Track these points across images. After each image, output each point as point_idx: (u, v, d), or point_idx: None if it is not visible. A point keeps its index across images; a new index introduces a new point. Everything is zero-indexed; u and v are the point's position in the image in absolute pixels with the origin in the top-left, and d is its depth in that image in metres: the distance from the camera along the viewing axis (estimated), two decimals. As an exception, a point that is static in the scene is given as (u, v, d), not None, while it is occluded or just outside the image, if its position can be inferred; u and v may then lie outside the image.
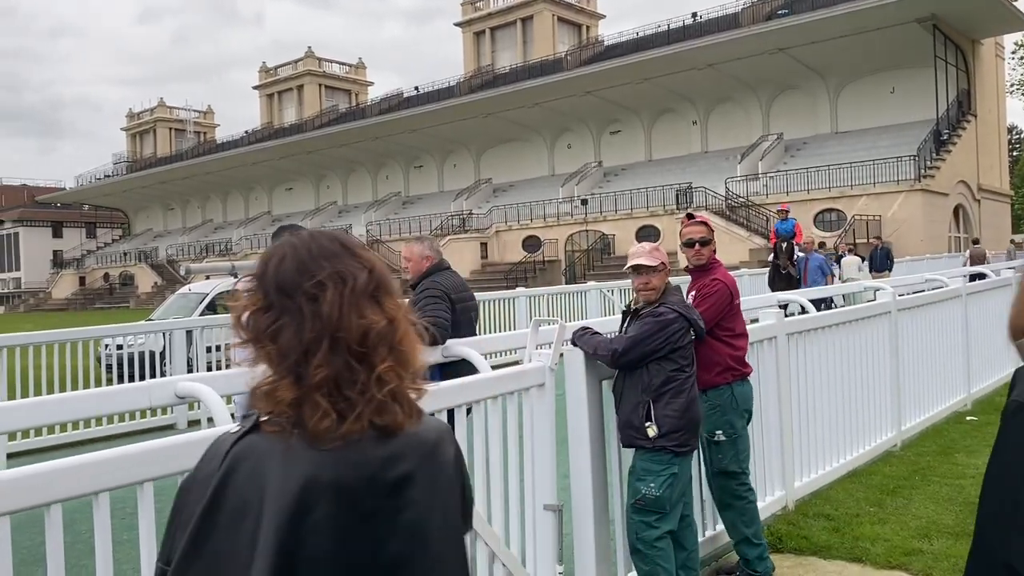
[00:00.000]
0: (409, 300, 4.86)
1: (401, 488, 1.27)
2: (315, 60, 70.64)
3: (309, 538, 1.21)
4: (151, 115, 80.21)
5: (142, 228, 75.31)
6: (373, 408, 1.26)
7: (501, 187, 49.87)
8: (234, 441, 1.27)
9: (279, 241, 1.38)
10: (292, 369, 1.25)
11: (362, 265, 1.32)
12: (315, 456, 1.23)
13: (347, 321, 1.26)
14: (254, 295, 1.30)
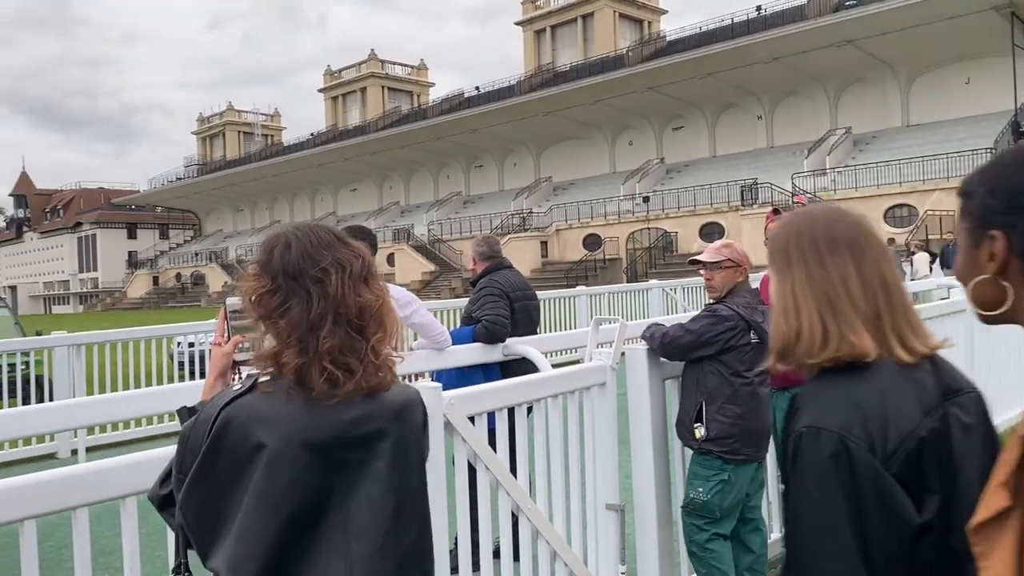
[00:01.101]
0: (470, 298, 4.90)
1: (371, 442, 1.51)
2: (378, 62, 71.57)
3: (294, 483, 1.44)
4: (220, 119, 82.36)
5: (212, 229, 77.41)
6: (368, 372, 1.51)
7: (561, 185, 49.77)
8: (230, 399, 1.49)
9: (279, 231, 1.61)
10: (299, 340, 1.48)
11: (355, 254, 1.58)
12: (300, 414, 1.46)
13: (348, 300, 1.52)
14: (261, 279, 1.54)
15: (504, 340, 4.55)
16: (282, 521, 1.44)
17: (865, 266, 1.40)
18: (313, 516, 1.47)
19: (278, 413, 1.47)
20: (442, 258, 46.44)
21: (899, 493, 1.25)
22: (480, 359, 4.49)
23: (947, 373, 1.38)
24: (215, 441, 1.46)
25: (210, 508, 1.47)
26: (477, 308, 4.66)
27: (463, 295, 35.05)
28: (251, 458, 1.44)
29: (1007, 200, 1.10)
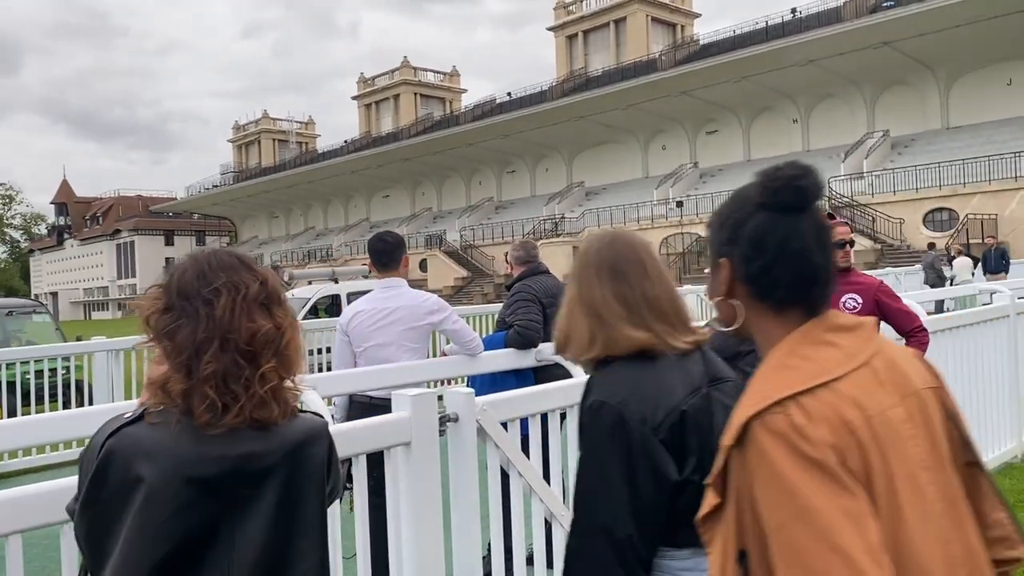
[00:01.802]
0: (504, 302, 4.89)
1: (262, 479, 1.46)
2: (411, 70, 72.10)
3: (173, 519, 1.40)
4: (256, 127, 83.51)
5: (248, 236, 78.44)
6: (255, 403, 1.45)
7: (594, 190, 49.70)
8: (116, 429, 1.45)
9: (185, 255, 1.60)
10: (184, 364, 1.44)
11: (255, 277, 1.53)
12: (187, 448, 1.42)
13: (237, 324, 1.46)
14: (157, 298, 1.51)
15: (537, 345, 4.54)
16: (159, 557, 1.40)
17: (626, 285, 1.79)
18: (195, 553, 1.43)
19: (163, 446, 1.42)
20: (474, 264, 46.57)
21: (664, 455, 1.60)
22: (513, 365, 4.48)
23: (713, 365, 1.80)
24: (98, 471, 1.43)
25: (96, 535, 1.45)
26: (510, 313, 4.66)
27: (495, 301, 35.06)
28: (132, 491, 1.41)
29: (730, 233, 1.36)
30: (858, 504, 1.13)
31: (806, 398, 1.18)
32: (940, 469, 1.26)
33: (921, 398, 1.29)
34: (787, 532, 1.14)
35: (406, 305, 3.96)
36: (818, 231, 1.34)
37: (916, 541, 1.18)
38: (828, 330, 1.30)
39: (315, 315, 13.66)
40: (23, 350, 9.75)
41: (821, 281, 1.32)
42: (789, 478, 1.14)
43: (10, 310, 13.22)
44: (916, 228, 31.06)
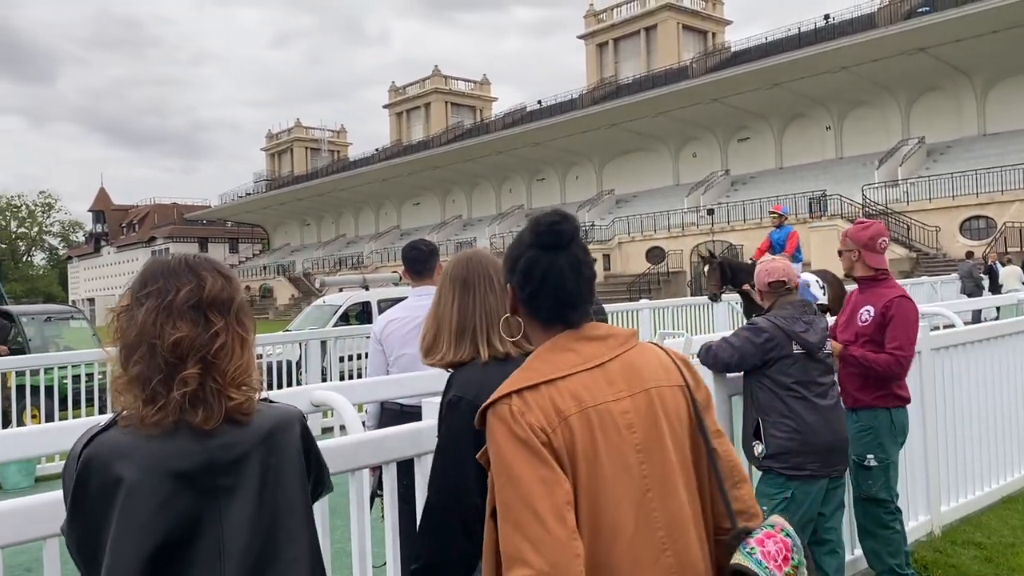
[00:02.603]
0: None
1: (239, 467, 1.51)
2: (441, 78, 72.49)
3: (158, 513, 1.45)
4: (288, 135, 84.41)
5: (280, 243, 79.24)
6: (175, 406, 1.48)
7: (624, 198, 49.54)
8: (91, 437, 1.51)
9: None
10: (123, 364, 1.53)
11: (192, 282, 1.55)
12: (163, 444, 1.48)
13: (163, 332, 1.50)
14: (122, 300, 1.59)
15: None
16: (149, 551, 1.44)
17: (470, 298, 2.14)
18: (184, 544, 1.47)
19: (138, 446, 1.47)
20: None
21: None
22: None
23: None
24: (79, 480, 1.47)
25: (86, 543, 1.49)
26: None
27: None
28: (114, 493, 1.45)
29: (511, 265, 1.70)
30: (552, 474, 1.48)
31: (529, 392, 1.54)
32: (658, 450, 1.58)
33: (651, 395, 1.61)
34: (502, 493, 1.50)
35: (435, 314, 3.96)
36: (573, 264, 1.65)
37: (612, 505, 1.51)
38: (576, 339, 1.62)
39: (346, 322, 13.76)
40: (61, 355, 9.93)
41: (575, 303, 1.65)
42: (504, 452, 1.51)
43: (48, 316, 13.48)
44: (952, 236, 30.55)
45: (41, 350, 11.60)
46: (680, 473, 1.60)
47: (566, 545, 1.44)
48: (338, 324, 13.55)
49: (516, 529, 1.46)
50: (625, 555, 1.52)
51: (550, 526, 1.44)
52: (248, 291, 67.28)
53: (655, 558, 1.54)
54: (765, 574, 1.58)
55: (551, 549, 1.42)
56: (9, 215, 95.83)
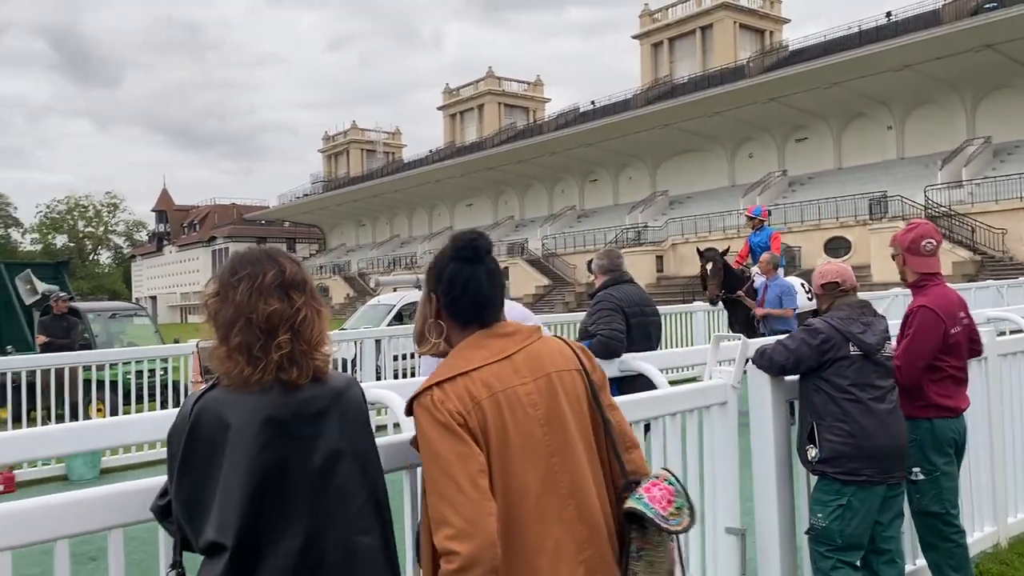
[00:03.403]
0: (587, 311, 4.86)
1: (320, 417, 1.83)
2: (495, 80, 72.72)
3: (260, 453, 1.73)
4: (345, 137, 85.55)
5: (336, 243, 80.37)
6: (273, 367, 1.79)
7: (678, 199, 49.04)
8: (198, 397, 1.81)
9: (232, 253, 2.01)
10: (224, 336, 1.83)
11: (272, 266, 1.88)
12: (260, 398, 1.78)
13: (255, 306, 1.82)
14: (210, 288, 1.90)
15: (620, 355, 4.49)
16: (255, 485, 1.72)
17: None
18: (280, 479, 1.75)
19: (241, 399, 1.78)
20: (556, 272, 46.52)
21: None
22: (596, 374, 4.45)
23: None
24: (192, 430, 1.76)
25: (196, 492, 1.75)
26: (593, 322, 4.62)
27: (576, 309, 34.92)
28: (223, 438, 1.74)
29: (436, 276, 2.00)
30: (468, 448, 1.79)
31: (447, 383, 1.86)
32: (559, 423, 1.90)
33: (551, 378, 1.93)
34: (427, 468, 1.82)
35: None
36: (489, 273, 1.99)
37: (521, 470, 1.83)
38: (487, 336, 1.95)
39: (399, 321, 13.89)
40: (124, 351, 10.22)
41: (489, 306, 1.98)
42: (427, 433, 1.82)
43: (113, 313, 13.90)
44: (1020, 239, 29.48)
45: (106, 346, 11.96)
46: (580, 441, 1.94)
47: (479, 505, 1.74)
48: (392, 323, 13.70)
49: (440, 497, 1.77)
50: (534, 510, 1.83)
51: (466, 491, 1.74)
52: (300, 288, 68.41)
53: (560, 510, 1.86)
54: (652, 514, 1.91)
55: (467, 509, 1.73)
56: (77, 215, 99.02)
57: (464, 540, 1.70)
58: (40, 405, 8.68)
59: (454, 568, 1.71)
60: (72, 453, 6.50)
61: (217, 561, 1.71)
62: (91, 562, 4.90)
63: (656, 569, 1.97)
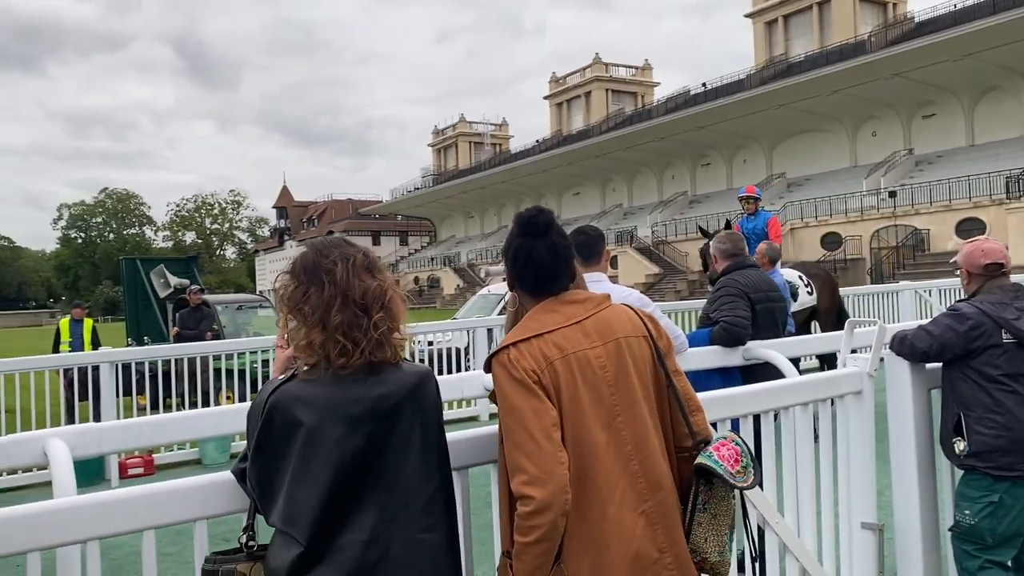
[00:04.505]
0: (708, 298, 4.71)
1: (394, 413, 1.87)
2: (602, 66, 72.05)
3: (332, 450, 1.79)
4: (453, 131, 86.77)
5: (446, 235, 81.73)
6: (372, 345, 1.87)
7: (796, 181, 47.31)
8: (273, 389, 1.86)
9: (305, 245, 2.08)
10: (320, 320, 1.86)
11: (358, 250, 1.98)
12: (334, 394, 1.83)
13: (352, 283, 1.89)
14: (286, 282, 1.95)
15: (744, 343, 4.32)
16: (328, 480, 1.78)
17: None
18: (352, 474, 1.81)
19: (315, 394, 1.83)
20: (666, 260, 45.77)
21: None
22: (718, 363, 4.29)
23: None
24: (266, 422, 1.82)
25: (266, 476, 1.84)
26: (715, 309, 4.47)
27: (688, 298, 34.25)
28: (294, 433, 1.80)
29: (505, 252, 2.19)
30: (542, 404, 1.94)
31: (522, 343, 2.02)
32: (625, 386, 2.04)
33: (619, 343, 2.08)
34: (505, 420, 1.98)
35: (609, 300, 3.90)
36: (551, 246, 2.13)
37: (588, 427, 1.98)
38: (558, 303, 2.11)
39: (511, 311, 13.94)
40: (251, 341, 10.66)
41: (553, 277, 2.13)
42: (504, 389, 1.98)
43: (240, 305, 14.57)
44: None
45: (234, 336, 12.53)
46: (644, 403, 2.07)
47: (552, 455, 1.90)
48: (502, 312, 13.77)
49: (516, 446, 1.92)
50: (602, 464, 1.98)
51: (540, 442, 1.90)
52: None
53: (624, 466, 2.00)
54: (721, 470, 2.06)
55: (541, 459, 1.88)
56: (204, 213, 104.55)
57: (538, 486, 1.86)
58: (175, 392, 9.16)
59: (529, 510, 1.87)
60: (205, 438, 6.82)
61: (286, 549, 1.79)
62: (224, 543, 5.10)
63: (719, 521, 2.11)
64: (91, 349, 11.51)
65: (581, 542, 1.96)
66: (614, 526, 1.97)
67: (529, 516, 1.87)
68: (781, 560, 3.10)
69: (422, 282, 69.42)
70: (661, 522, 2.03)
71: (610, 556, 1.96)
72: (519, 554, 1.93)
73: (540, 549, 1.90)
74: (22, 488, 7.37)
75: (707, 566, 2.11)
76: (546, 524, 1.87)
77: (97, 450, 3.06)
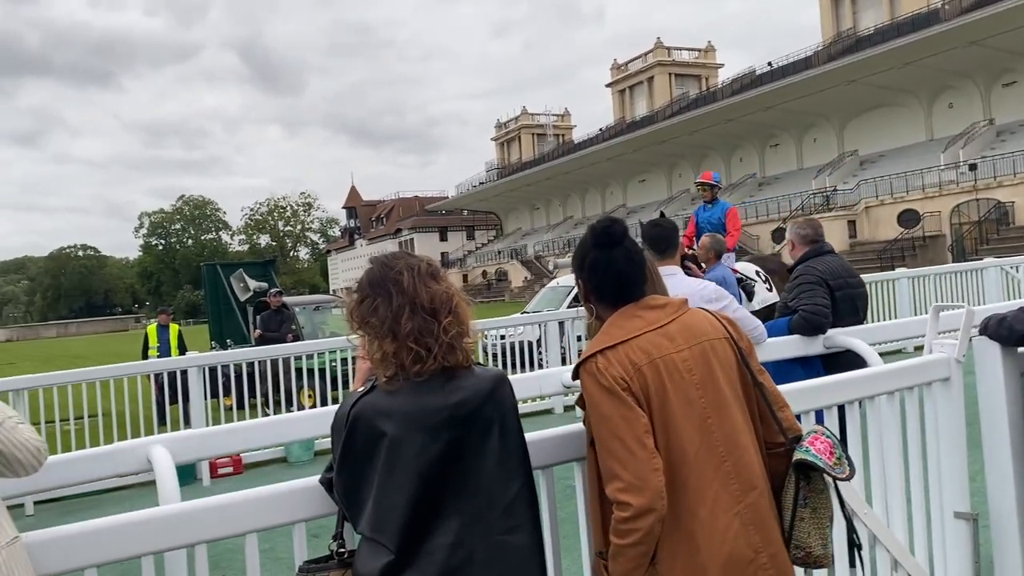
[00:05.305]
0: (786, 286, 4.63)
1: (473, 419, 1.90)
2: (664, 50, 71.10)
3: (415, 459, 1.83)
4: (516, 123, 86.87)
5: (512, 228, 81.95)
6: (443, 350, 1.90)
7: (869, 158, 45.91)
8: (354, 401, 1.91)
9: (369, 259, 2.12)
10: (390, 329, 1.91)
11: (419, 259, 2.03)
12: (414, 403, 1.86)
13: (420, 291, 1.93)
14: (352, 298, 2.01)
15: (825, 331, 4.24)
16: (413, 488, 1.83)
17: None
18: (435, 481, 1.85)
19: (395, 405, 1.87)
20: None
21: None
22: (798, 352, 4.23)
23: None
24: (349, 434, 1.88)
25: (353, 486, 1.89)
26: (793, 297, 4.39)
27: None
28: (377, 444, 1.85)
29: (579, 264, 2.20)
30: (632, 411, 1.96)
31: (609, 351, 2.03)
32: (713, 387, 2.05)
33: (704, 346, 2.09)
34: (596, 428, 2.00)
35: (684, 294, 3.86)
36: (627, 254, 2.15)
37: (679, 431, 1.99)
38: (640, 308, 2.12)
39: (578, 302, 13.92)
40: (329, 341, 10.91)
41: (632, 284, 2.15)
42: (594, 397, 2.00)
43: (317, 305, 14.93)
44: None
45: (311, 337, 12.85)
46: (733, 403, 2.08)
47: (647, 462, 1.92)
48: (572, 305, 13.76)
49: (609, 454, 1.95)
50: (693, 466, 1.99)
51: (633, 449, 1.92)
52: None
53: (717, 467, 2.01)
54: (822, 463, 2.08)
55: (635, 466, 1.91)
56: (276, 215, 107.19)
57: (634, 493, 1.89)
58: (259, 392, 9.46)
59: (627, 516, 1.90)
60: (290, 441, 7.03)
61: (375, 556, 1.85)
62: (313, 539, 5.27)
63: (820, 515, 2.12)
64: (177, 353, 11.98)
65: (674, 544, 1.97)
66: (707, 528, 1.98)
67: (626, 521, 1.91)
68: (871, 551, 3.05)
69: (490, 276, 69.81)
70: (755, 522, 2.03)
71: (702, 557, 1.97)
72: (615, 555, 1.96)
73: (637, 552, 1.93)
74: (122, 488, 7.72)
75: (812, 560, 2.12)
76: (644, 528, 1.90)
77: (196, 455, 3.21)
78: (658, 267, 4.00)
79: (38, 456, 1.89)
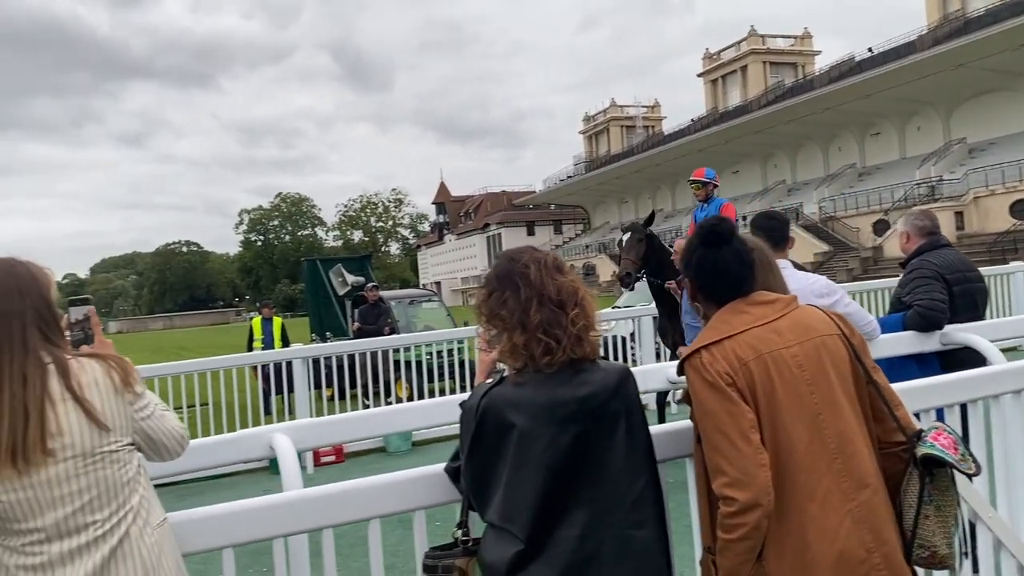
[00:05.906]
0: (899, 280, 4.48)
1: (600, 413, 1.93)
2: (758, 38, 69.27)
3: (544, 450, 1.87)
4: (604, 116, 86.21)
5: (600, 222, 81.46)
6: (572, 341, 1.93)
7: (978, 146, 43.64)
8: (484, 392, 1.95)
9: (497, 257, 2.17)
10: (519, 321, 1.95)
11: (545, 253, 2.08)
12: (543, 396, 1.90)
13: (547, 283, 1.97)
14: (481, 293, 2.05)
15: (942, 327, 4.08)
16: (541, 479, 1.86)
17: None
18: (564, 473, 1.88)
19: (525, 396, 1.90)
20: (836, 237, 43.56)
21: None
22: (914, 349, 4.08)
23: None
24: (479, 425, 1.92)
25: (481, 476, 1.93)
26: (908, 292, 4.24)
27: (861, 276, 32.42)
28: (507, 435, 1.88)
29: (686, 263, 2.23)
30: (737, 407, 1.96)
31: (714, 346, 2.04)
32: (825, 384, 2.03)
33: (816, 342, 2.06)
34: (701, 423, 2.02)
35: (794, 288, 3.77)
36: (736, 253, 2.15)
37: (788, 427, 1.97)
38: (747, 304, 2.12)
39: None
40: (424, 335, 11.14)
41: (740, 281, 2.14)
42: (699, 393, 2.01)
43: (411, 299, 15.26)
44: None
45: (406, 330, 13.14)
46: (846, 401, 2.05)
47: (752, 458, 1.92)
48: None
49: (715, 450, 1.96)
50: (803, 462, 1.97)
51: (739, 445, 1.92)
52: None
53: (828, 464, 1.98)
54: (950, 459, 2.04)
55: (740, 461, 1.91)
56: (369, 211, 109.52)
57: (740, 488, 1.90)
58: (359, 383, 9.72)
59: (733, 511, 1.91)
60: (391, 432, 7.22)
61: (502, 545, 1.89)
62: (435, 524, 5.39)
63: (944, 512, 2.08)
64: (280, 345, 12.43)
65: (782, 540, 1.96)
66: (816, 525, 1.95)
67: (733, 516, 1.91)
68: (996, 556, 2.93)
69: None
70: (868, 521, 2.00)
71: (811, 555, 1.95)
72: (723, 550, 1.97)
73: (744, 547, 1.93)
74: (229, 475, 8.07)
75: (937, 559, 2.08)
76: (750, 523, 1.90)
77: (313, 444, 3.34)
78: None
79: (182, 443, 2.02)
